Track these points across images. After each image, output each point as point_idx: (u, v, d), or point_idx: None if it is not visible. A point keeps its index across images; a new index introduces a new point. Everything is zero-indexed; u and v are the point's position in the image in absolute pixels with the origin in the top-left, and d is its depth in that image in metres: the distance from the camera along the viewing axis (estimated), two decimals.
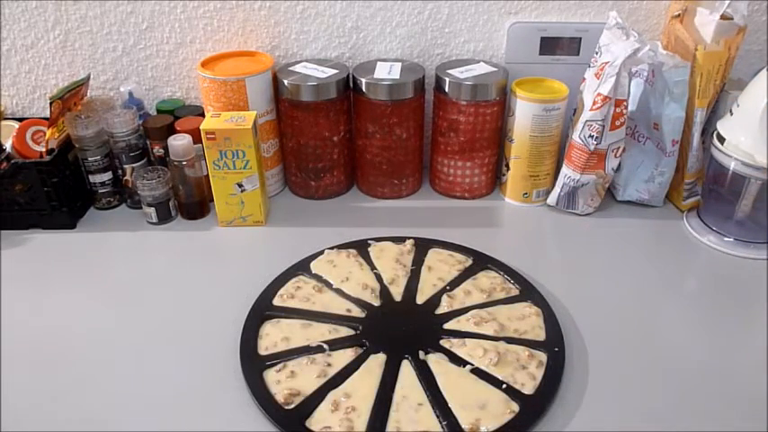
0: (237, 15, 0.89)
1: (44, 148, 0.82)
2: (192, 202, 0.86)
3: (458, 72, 0.85)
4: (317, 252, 0.77)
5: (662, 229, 0.84)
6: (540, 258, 0.79)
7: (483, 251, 0.77)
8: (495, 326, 0.65)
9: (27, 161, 0.81)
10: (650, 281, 0.75)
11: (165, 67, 0.93)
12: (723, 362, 0.63)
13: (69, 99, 0.84)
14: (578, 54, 0.89)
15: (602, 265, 0.78)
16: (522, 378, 0.59)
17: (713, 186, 0.81)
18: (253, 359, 0.62)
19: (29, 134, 0.85)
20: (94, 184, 0.87)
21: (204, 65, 0.85)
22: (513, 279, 0.73)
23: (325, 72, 0.85)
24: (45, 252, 0.80)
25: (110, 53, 0.92)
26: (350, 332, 0.66)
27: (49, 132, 0.81)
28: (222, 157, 0.79)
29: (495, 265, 0.75)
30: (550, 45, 0.89)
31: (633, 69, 0.79)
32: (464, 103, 0.84)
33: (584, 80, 0.82)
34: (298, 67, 0.87)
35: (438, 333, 0.65)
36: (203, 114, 0.87)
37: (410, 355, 0.62)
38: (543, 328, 0.65)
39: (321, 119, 0.85)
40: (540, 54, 0.89)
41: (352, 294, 0.70)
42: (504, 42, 0.90)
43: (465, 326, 0.66)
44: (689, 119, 0.81)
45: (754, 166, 0.74)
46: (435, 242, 0.79)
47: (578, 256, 0.80)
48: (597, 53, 0.80)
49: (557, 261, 0.80)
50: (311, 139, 0.87)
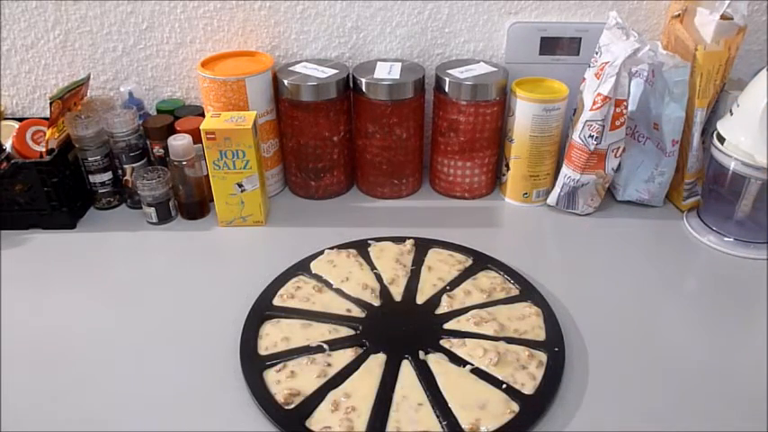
0: (237, 15, 0.89)
1: (44, 148, 0.82)
2: (192, 202, 0.86)
3: (458, 72, 0.85)
4: (317, 252, 0.77)
5: (662, 229, 0.84)
6: (540, 258, 0.79)
7: (483, 251, 0.77)
8: (495, 326, 0.65)
9: (27, 161, 0.81)
10: (650, 281, 0.75)
11: (165, 67, 0.93)
12: (723, 362, 0.63)
13: (69, 99, 0.84)
14: (578, 54, 0.89)
15: (602, 265, 0.78)
16: (522, 378, 0.59)
17: (713, 186, 0.81)
18: (253, 359, 0.62)
19: (29, 134, 0.85)
20: (94, 184, 0.87)
21: (204, 65, 0.85)
22: (513, 279, 0.73)
23: (325, 72, 0.85)
24: (45, 252, 0.80)
25: (110, 53, 0.92)
26: (350, 332, 0.66)
27: (49, 132, 0.81)
28: (222, 157, 0.79)
29: (495, 265, 0.75)
30: (550, 45, 0.89)
31: (633, 69, 0.79)
32: (464, 103, 0.84)
33: (584, 80, 0.82)
34: (298, 67, 0.87)
35: (438, 333, 0.65)
36: (203, 114, 0.87)
37: (410, 355, 0.62)
38: (543, 328, 0.65)
39: (321, 119, 0.85)
40: (540, 54, 0.89)
41: (352, 294, 0.70)
42: (504, 42, 0.90)
43: (465, 326, 0.66)
44: (689, 119, 0.81)
45: (754, 166, 0.74)
46: (435, 242, 0.79)
47: (578, 256, 0.80)
48: (597, 53, 0.80)
49: (557, 261, 0.80)
50: (311, 139, 0.87)
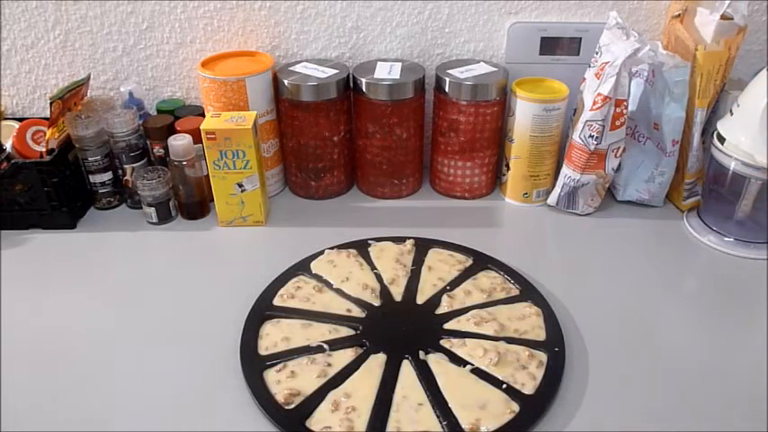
0: (237, 15, 0.89)
1: (44, 148, 0.82)
2: (192, 202, 0.86)
3: (458, 72, 0.85)
4: (317, 252, 0.77)
5: (662, 229, 0.84)
6: (540, 258, 0.79)
7: (483, 251, 0.77)
8: (496, 326, 0.65)
9: (27, 161, 0.81)
10: (650, 281, 0.75)
11: (166, 67, 0.93)
12: (723, 362, 0.63)
13: (69, 99, 0.84)
14: (578, 54, 0.89)
15: (602, 265, 0.78)
16: (523, 378, 0.59)
17: (713, 186, 0.81)
18: (253, 359, 0.62)
19: (29, 134, 0.85)
20: (94, 184, 0.87)
21: (204, 65, 0.85)
22: (514, 279, 0.73)
23: (325, 72, 0.85)
24: (45, 252, 0.80)
25: (110, 53, 0.92)
26: (350, 332, 0.65)
27: (49, 132, 0.81)
28: (222, 157, 0.79)
29: (496, 265, 0.75)
30: (550, 45, 0.89)
31: (633, 69, 0.79)
32: (464, 103, 0.84)
33: (584, 80, 0.82)
34: (298, 67, 0.87)
35: (438, 333, 0.65)
36: (203, 114, 0.87)
37: (410, 355, 0.62)
38: (543, 328, 0.65)
39: (321, 119, 0.85)
40: (541, 54, 0.89)
41: (353, 294, 0.70)
42: (505, 42, 0.90)
43: (465, 326, 0.66)
44: (689, 119, 0.81)
45: (754, 166, 0.74)
46: (435, 242, 0.79)
47: (578, 256, 0.80)
48: (597, 53, 0.80)
49: (557, 261, 0.80)
50: (311, 139, 0.87)
